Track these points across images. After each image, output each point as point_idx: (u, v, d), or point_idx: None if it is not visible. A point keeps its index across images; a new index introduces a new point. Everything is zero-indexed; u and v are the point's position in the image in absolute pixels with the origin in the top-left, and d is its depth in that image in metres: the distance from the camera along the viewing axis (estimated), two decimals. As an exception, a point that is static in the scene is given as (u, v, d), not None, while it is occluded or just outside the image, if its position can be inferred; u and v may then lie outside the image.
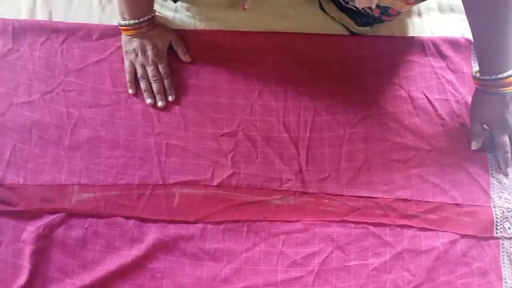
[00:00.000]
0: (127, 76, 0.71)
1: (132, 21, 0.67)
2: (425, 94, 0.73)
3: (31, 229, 0.65)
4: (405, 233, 0.66)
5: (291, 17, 0.77)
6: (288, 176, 0.69)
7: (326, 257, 0.65)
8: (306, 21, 0.77)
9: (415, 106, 0.72)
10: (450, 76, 0.74)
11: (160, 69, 0.71)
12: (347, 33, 0.77)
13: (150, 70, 0.70)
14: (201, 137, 0.70)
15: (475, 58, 0.75)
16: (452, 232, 0.67)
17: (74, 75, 0.72)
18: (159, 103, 0.70)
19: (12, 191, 0.66)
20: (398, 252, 0.66)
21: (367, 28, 0.76)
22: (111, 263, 0.64)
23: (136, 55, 0.70)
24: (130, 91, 0.71)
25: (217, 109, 0.71)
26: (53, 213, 0.66)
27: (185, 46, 0.73)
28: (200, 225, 0.66)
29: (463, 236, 0.66)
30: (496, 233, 0.67)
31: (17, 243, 0.65)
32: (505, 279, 0.66)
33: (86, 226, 0.66)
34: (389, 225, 0.67)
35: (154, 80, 0.70)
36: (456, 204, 0.68)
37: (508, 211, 0.68)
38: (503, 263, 0.66)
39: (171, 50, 0.73)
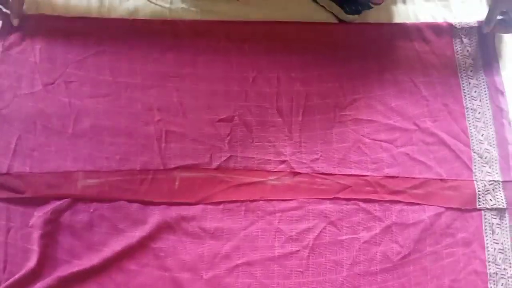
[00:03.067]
0: None
1: None
2: (410, 77, 0.76)
3: (38, 215, 0.66)
4: (393, 208, 0.69)
5: (283, 7, 0.80)
6: (283, 158, 0.71)
7: (320, 232, 0.68)
8: (297, 11, 0.80)
9: (401, 89, 0.75)
10: (434, 60, 0.77)
11: None
12: (336, 21, 0.79)
13: None
14: (199, 123, 0.72)
15: (456, 42, 0.79)
16: (437, 206, 0.70)
17: (75, 66, 0.73)
18: None
19: (20, 179, 0.68)
20: (387, 226, 0.69)
21: (355, 16, 0.78)
22: (117, 244, 0.66)
23: None
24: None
25: (214, 96, 0.73)
26: (59, 198, 0.67)
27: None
28: (201, 206, 0.69)
29: (448, 209, 0.70)
30: (479, 205, 0.70)
31: (25, 228, 0.66)
32: (487, 247, 0.69)
33: (91, 210, 0.68)
34: (378, 201, 0.70)
35: None
36: (441, 179, 0.71)
37: (489, 184, 0.71)
38: (486, 233, 0.69)
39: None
